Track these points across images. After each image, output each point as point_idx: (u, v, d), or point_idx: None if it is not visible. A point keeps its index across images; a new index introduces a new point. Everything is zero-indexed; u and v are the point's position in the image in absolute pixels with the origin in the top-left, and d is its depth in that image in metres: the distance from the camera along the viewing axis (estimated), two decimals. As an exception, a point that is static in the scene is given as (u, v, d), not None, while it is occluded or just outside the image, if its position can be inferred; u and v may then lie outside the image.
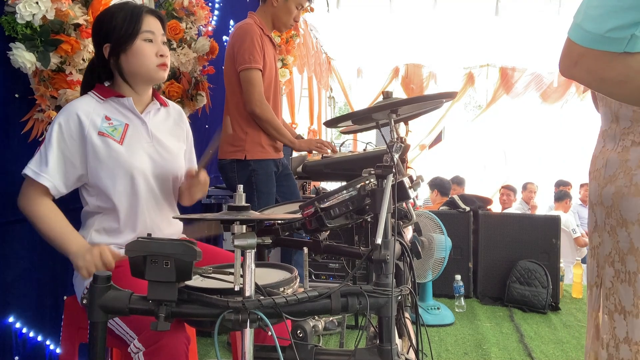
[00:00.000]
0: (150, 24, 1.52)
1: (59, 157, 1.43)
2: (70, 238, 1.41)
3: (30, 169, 1.41)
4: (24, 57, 1.56)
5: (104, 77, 1.57)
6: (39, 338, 1.77)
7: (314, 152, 2.81)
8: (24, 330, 1.71)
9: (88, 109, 1.48)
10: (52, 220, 1.42)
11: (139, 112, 1.56)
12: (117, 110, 1.53)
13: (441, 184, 5.10)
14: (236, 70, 2.45)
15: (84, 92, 1.56)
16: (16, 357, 1.67)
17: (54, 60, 1.64)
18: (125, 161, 1.47)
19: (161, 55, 1.53)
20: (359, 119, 1.43)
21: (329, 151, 2.67)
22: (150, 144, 1.55)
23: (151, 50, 1.52)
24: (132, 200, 1.51)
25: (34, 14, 1.55)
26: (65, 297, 1.67)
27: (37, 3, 1.54)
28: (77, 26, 1.70)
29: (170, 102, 1.71)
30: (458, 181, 5.92)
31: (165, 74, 1.57)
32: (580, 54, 0.91)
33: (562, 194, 5.90)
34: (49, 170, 1.41)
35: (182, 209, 1.76)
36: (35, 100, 1.67)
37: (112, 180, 1.47)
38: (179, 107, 1.75)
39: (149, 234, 1.02)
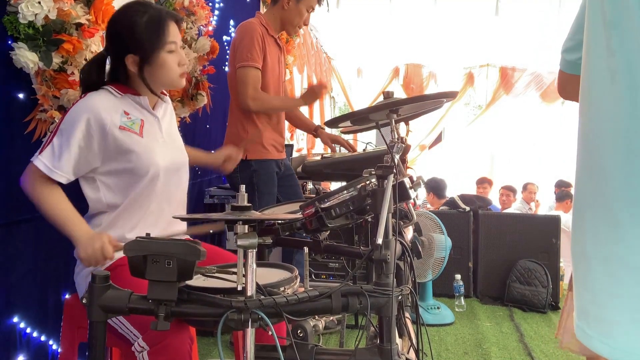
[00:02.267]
0: (173, 32, 1.50)
1: (76, 155, 1.41)
2: (75, 224, 1.40)
3: (42, 163, 1.39)
4: (26, 57, 1.56)
5: (122, 80, 1.54)
6: (42, 338, 1.77)
7: (312, 152, 2.83)
8: (28, 330, 1.71)
9: (108, 105, 1.46)
10: (59, 205, 1.42)
11: (152, 109, 1.57)
12: (134, 107, 1.53)
13: (436, 187, 5.08)
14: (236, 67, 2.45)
15: (84, 87, 1.52)
16: (20, 357, 1.68)
17: (56, 60, 1.64)
18: (147, 154, 1.48)
19: (182, 64, 1.54)
20: (360, 119, 1.43)
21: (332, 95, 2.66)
22: (163, 139, 1.57)
23: (174, 61, 1.51)
24: (146, 195, 1.50)
25: (36, 14, 1.55)
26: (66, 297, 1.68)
27: (39, 3, 1.54)
28: (79, 26, 1.70)
29: (166, 95, 1.72)
30: (487, 181, 6.05)
31: (185, 81, 1.59)
32: (567, 79, 1.08)
33: (563, 194, 5.89)
34: (62, 167, 1.40)
35: (186, 209, 1.77)
36: (38, 100, 1.68)
37: (131, 172, 1.47)
38: (168, 98, 1.75)
39: (148, 234, 1.02)
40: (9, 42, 1.59)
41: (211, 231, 1.85)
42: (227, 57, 3.06)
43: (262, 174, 2.49)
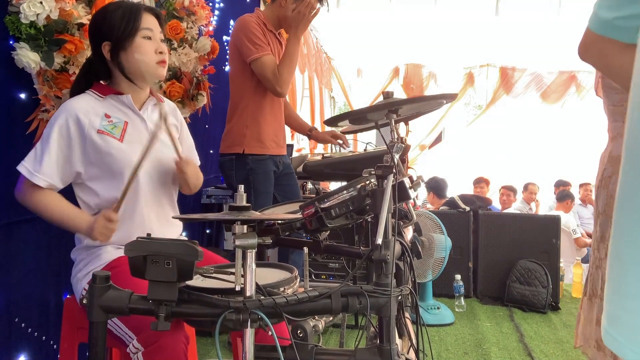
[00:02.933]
0: (148, 21, 1.53)
1: (56, 156, 1.43)
2: (77, 218, 1.46)
3: (25, 168, 1.42)
4: (28, 57, 1.57)
5: (102, 76, 1.57)
6: (43, 338, 1.77)
7: (315, 151, 2.83)
8: (29, 330, 1.71)
9: (87, 108, 1.48)
10: (56, 206, 1.46)
11: (137, 109, 1.57)
12: (117, 108, 1.54)
13: (437, 186, 5.07)
14: (240, 63, 2.44)
15: (73, 92, 1.55)
16: (21, 357, 1.68)
17: (58, 60, 1.64)
18: (125, 158, 1.48)
19: (160, 52, 1.55)
20: (359, 119, 1.43)
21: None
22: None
23: (150, 47, 1.53)
24: (132, 197, 1.51)
25: (38, 14, 1.55)
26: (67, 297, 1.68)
27: (41, 3, 1.54)
28: (80, 26, 1.70)
29: (164, 99, 1.72)
30: (484, 180, 6.00)
31: (164, 71, 1.58)
32: (593, 40, 0.97)
33: (563, 194, 5.87)
34: (42, 170, 1.42)
35: (183, 209, 1.76)
36: (40, 100, 1.68)
37: (113, 177, 1.48)
38: (173, 104, 1.76)
39: (148, 234, 1.02)
40: (11, 42, 1.59)
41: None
42: (228, 56, 3.06)
43: (259, 172, 2.48)
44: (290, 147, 3.27)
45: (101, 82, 1.60)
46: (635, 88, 0.71)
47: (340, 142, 2.84)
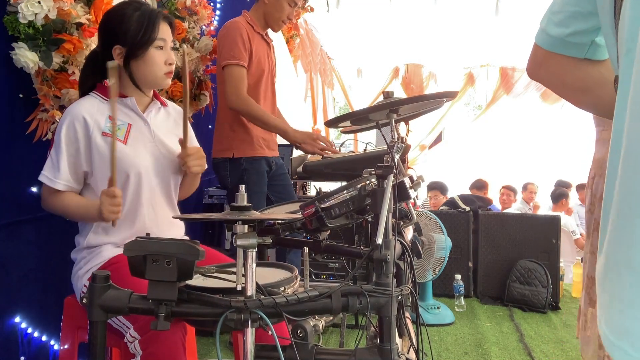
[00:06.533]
0: (164, 31, 1.53)
1: (69, 161, 1.46)
2: (90, 208, 1.46)
3: (45, 176, 1.46)
4: (26, 57, 1.56)
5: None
6: (44, 338, 1.77)
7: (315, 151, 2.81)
8: (29, 330, 1.71)
9: (92, 110, 1.49)
10: (73, 202, 1.48)
11: (141, 112, 1.57)
12: (120, 111, 1.54)
13: (442, 186, 5.09)
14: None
15: (82, 90, 1.57)
16: (22, 357, 1.68)
17: (57, 59, 1.64)
18: (128, 160, 1.49)
19: (169, 64, 1.55)
20: (360, 119, 1.43)
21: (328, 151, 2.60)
22: (152, 143, 1.57)
23: (161, 58, 1.53)
24: (133, 199, 1.52)
25: (36, 14, 1.55)
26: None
27: (39, 2, 1.54)
28: (79, 25, 1.70)
29: (169, 103, 1.72)
30: (478, 185, 5.84)
31: (170, 81, 1.60)
32: (544, 57, 0.94)
33: (558, 194, 5.82)
34: (62, 176, 1.45)
35: (185, 209, 1.76)
36: (39, 100, 1.68)
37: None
38: (179, 108, 1.75)
39: (148, 234, 1.02)
40: (10, 42, 1.59)
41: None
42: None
43: (253, 173, 2.47)
44: (289, 147, 3.27)
45: (105, 82, 1.60)
46: (621, 95, 0.67)
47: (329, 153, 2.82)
